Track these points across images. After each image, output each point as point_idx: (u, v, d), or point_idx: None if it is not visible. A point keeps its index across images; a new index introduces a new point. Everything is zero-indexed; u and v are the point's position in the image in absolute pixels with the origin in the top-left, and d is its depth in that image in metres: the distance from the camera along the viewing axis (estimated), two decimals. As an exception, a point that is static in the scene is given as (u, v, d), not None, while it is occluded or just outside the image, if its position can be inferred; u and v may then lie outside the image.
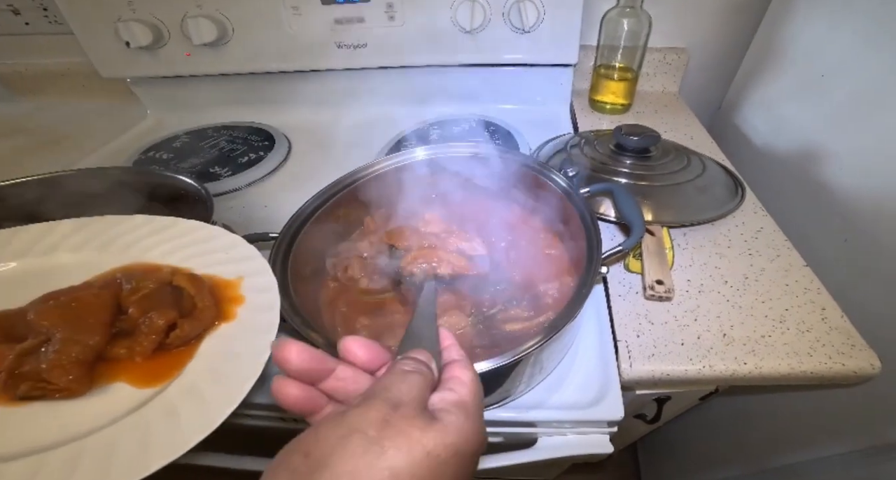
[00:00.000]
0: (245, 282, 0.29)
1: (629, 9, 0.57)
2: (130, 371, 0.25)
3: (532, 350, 0.25)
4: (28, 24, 0.73)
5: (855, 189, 0.42)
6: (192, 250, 0.31)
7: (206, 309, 0.26)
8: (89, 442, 0.21)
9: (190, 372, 0.24)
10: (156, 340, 0.25)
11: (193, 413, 0.22)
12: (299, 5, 0.60)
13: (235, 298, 0.28)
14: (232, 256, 0.31)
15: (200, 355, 0.25)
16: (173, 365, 0.25)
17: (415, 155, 0.42)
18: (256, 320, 0.26)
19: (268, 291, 0.28)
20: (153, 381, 0.24)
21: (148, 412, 0.22)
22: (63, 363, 0.23)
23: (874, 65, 0.41)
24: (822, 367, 0.32)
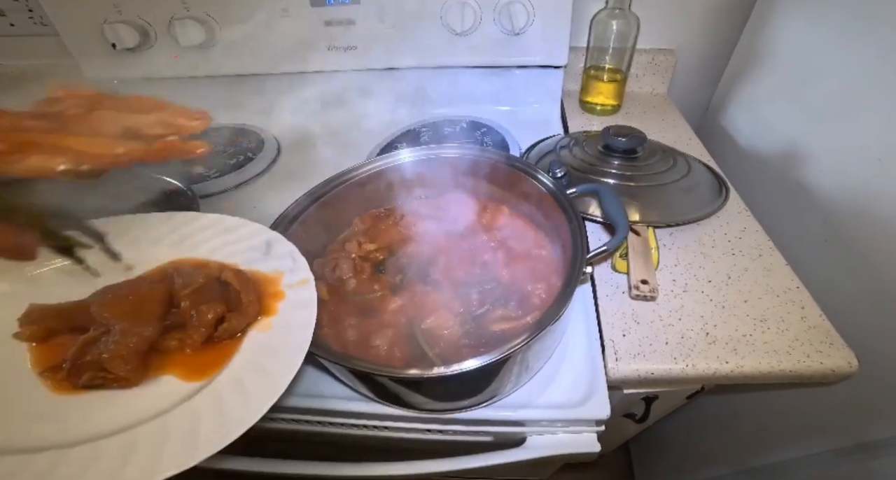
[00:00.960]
0: (284, 278, 0.29)
1: (618, 10, 0.58)
2: (181, 362, 0.26)
3: (517, 348, 0.26)
4: (13, 25, 0.72)
5: (834, 190, 0.43)
6: (235, 247, 0.32)
7: (250, 303, 0.27)
8: (142, 431, 0.22)
9: (235, 365, 0.25)
10: (205, 333, 0.26)
11: (238, 405, 0.23)
12: (288, 7, 0.60)
13: (276, 294, 0.28)
14: (272, 253, 0.31)
15: (245, 348, 0.26)
16: (220, 357, 0.26)
17: (402, 156, 0.42)
18: (295, 315, 0.27)
19: (306, 288, 0.29)
20: (202, 372, 0.25)
21: (197, 402, 0.23)
22: (122, 353, 0.25)
23: (851, 67, 0.42)
24: (800, 366, 0.33)
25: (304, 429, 0.39)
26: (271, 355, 0.25)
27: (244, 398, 0.23)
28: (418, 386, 0.30)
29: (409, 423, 0.36)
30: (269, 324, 0.27)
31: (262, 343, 0.26)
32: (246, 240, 0.32)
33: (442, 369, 0.25)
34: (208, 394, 0.24)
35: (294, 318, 0.27)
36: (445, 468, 0.37)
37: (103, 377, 0.24)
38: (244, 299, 0.27)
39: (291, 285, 0.29)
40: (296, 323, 0.27)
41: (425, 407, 0.33)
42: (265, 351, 0.26)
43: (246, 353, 0.26)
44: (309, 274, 0.29)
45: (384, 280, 0.37)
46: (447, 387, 0.31)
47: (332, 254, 0.39)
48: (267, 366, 0.25)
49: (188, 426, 0.22)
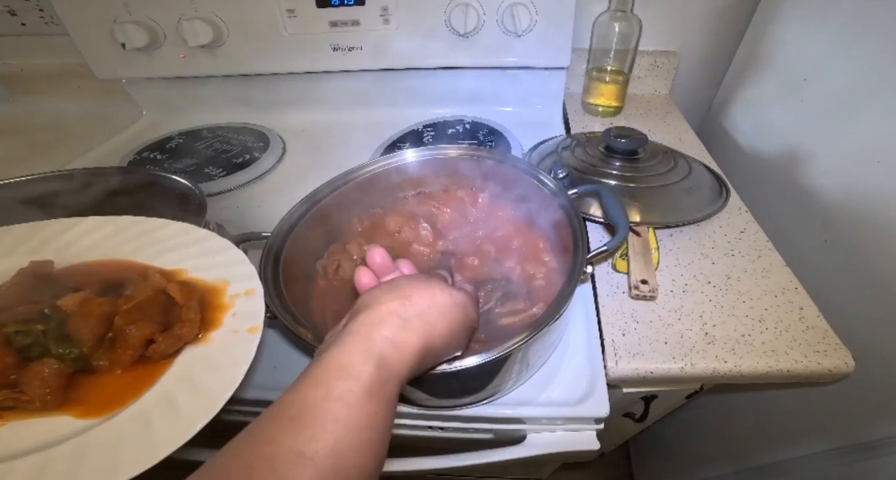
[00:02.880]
0: (231, 288, 0.28)
1: (620, 13, 0.58)
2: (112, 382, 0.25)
3: (517, 346, 0.26)
4: (24, 24, 0.73)
5: (834, 191, 0.43)
6: (181, 253, 0.31)
7: (189, 322, 0.26)
8: (56, 452, 0.21)
9: (166, 383, 0.24)
10: (133, 355, 0.25)
11: (166, 424, 0.22)
12: (295, 8, 0.61)
13: (222, 305, 0.27)
14: (220, 260, 0.30)
15: (180, 363, 0.25)
16: (153, 374, 0.24)
17: (405, 157, 0.42)
18: (240, 327, 0.26)
19: (253, 298, 0.28)
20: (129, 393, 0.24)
21: (120, 422, 0.22)
22: (43, 374, 0.23)
23: (850, 69, 0.42)
24: (798, 365, 0.33)
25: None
26: (209, 370, 0.24)
27: (174, 417, 0.22)
28: (419, 383, 0.30)
29: (411, 420, 0.37)
30: (210, 338, 0.26)
31: (200, 358, 0.25)
32: (193, 245, 0.31)
33: (443, 366, 0.26)
34: (133, 414, 0.22)
35: (238, 331, 0.26)
36: (446, 464, 0.38)
37: (16, 398, 0.23)
38: (184, 316, 0.26)
39: (238, 295, 0.28)
40: (239, 336, 0.26)
41: (427, 404, 0.34)
42: (202, 366, 0.25)
43: (180, 370, 0.25)
44: (257, 284, 0.28)
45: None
46: (448, 384, 0.31)
47: (335, 256, 0.39)
48: (203, 382, 0.23)
49: (107, 447, 0.21)
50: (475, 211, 0.44)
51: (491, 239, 0.42)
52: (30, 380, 0.23)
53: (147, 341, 0.25)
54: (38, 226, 0.33)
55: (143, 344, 0.25)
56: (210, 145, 0.66)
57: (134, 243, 0.32)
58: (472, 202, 0.44)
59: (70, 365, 0.24)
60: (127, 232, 0.33)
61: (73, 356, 0.24)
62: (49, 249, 0.31)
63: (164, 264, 0.30)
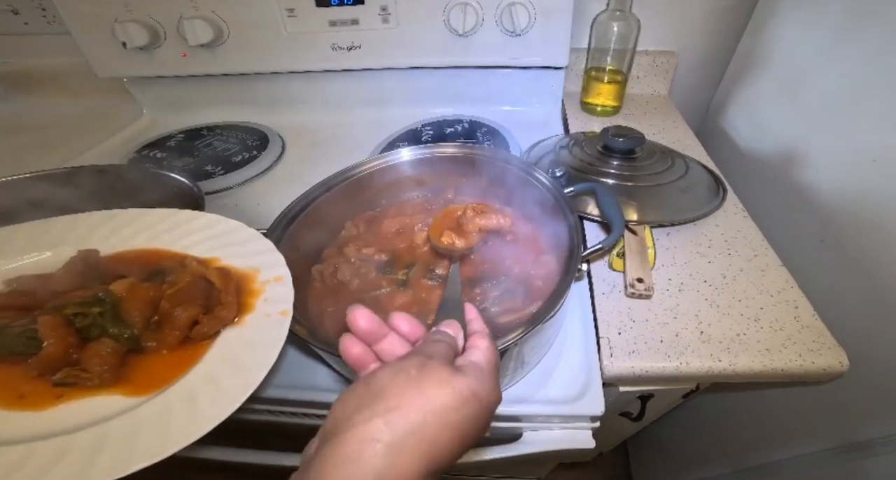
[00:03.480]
0: (262, 274, 0.30)
1: (618, 12, 0.58)
2: (157, 361, 0.26)
3: (512, 342, 0.26)
4: (27, 23, 0.74)
5: (831, 191, 0.44)
6: (214, 242, 0.33)
7: (228, 305, 0.28)
8: (114, 425, 0.22)
9: (209, 362, 0.26)
10: (180, 335, 0.27)
11: (210, 400, 0.23)
12: (294, 7, 0.61)
13: (254, 291, 0.29)
14: (250, 249, 0.32)
15: (220, 345, 0.27)
16: (196, 354, 0.26)
17: (402, 155, 0.42)
18: (272, 311, 0.28)
19: (282, 284, 0.29)
20: (174, 371, 0.26)
21: (169, 397, 0.24)
22: (102, 353, 0.25)
23: (846, 69, 0.42)
24: (792, 365, 0.33)
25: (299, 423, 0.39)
26: (247, 350, 0.26)
27: (217, 393, 0.23)
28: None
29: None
30: (245, 321, 0.28)
31: (237, 339, 0.27)
32: (225, 235, 0.33)
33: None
34: (180, 390, 0.24)
35: (270, 315, 0.27)
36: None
37: (76, 375, 0.24)
38: (223, 299, 0.28)
39: (268, 281, 0.29)
40: (272, 319, 0.27)
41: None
42: (241, 347, 0.26)
43: (221, 350, 0.26)
44: (285, 271, 0.30)
45: (390, 278, 0.38)
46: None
47: (330, 260, 0.39)
48: (242, 362, 0.25)
49: (159, 420, 0.22)
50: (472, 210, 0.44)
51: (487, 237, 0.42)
52: (90, 358, 0.25)
53: (192, 322, 0.27)
54: (79, 217, 0.35)
55: (189, 326, 0.27)
56: (210, 143, 0.66)
57: (169, 234, 0.34)
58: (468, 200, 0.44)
59: (124, 344, 0.26)
60: (163, 223, 0.34)
61: (126, 336, 0.26)
62: (92, 239, 0.33)
63: (198, 253, 0.32)
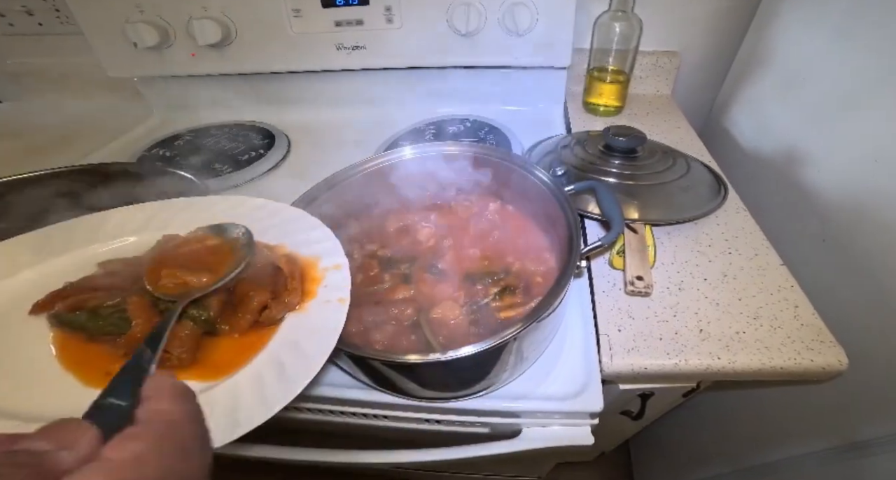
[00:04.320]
0: (322, 262, 0.31)
1: (621, 13, 0.58)
2: (228, 344, 0.27)
3: (511, 336, 0.27)
4: (41, 24, 0.75)
5: (833, 190, 0.43)
6: (280, 230, 0.33)
7: (294, 290, 0.28)
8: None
9: (275, 346, 0.26)
10: (251, 319, 0.28)
11: (276, 385, 0.24)
12: (301, 8, 0.62)
13: (315, 278, 0.30)
14: (312, 237, 0.33)
15: (285, 330, 0.28)
16: (262, 338, 0.27)
17: (404, 153, 0.43)
18: (331, 298, 0.29)
19: (340, 271, 0.30)
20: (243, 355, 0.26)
21: (238, 380, 0.24)
22: (181, 334, 0.26)
23: (848, 69, 0.42)
24: (791, 363, 0.33)
25: (303, 417, 0.40)
26: (309, 336, 0.27)
27: (282, 376, 0.24)
28: (415, 373, 0.31)
29: (408, 412, 0.37)
30: (307, 307, 0.28)
31: (300, 325, 0.28)
32: (290, 223, 0.34)
33: (436, 355, 0.26)
34: (249, 373, 0.25)
35: (329, 301, 0.28)
36: (443, 457, 0.38)
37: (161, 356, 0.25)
38: (289, 286, 0.29)
39: (328, 268, 0.30)
40: (331, 306, 0.28)
41: (423, 395, 0.34)
42: (304, 332, 0.27)
43: (285, 334, 0.27)
44: (343, 259, 0.31)
45: (392, 273, 0.38)
46: (443, 374, 0.32)
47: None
48: (305, 347, 0.26)
49: (230, 403, 0.23)
50: (474, 207, 0.45)
51: (488, 234, 0.42)
52: (170, 339, 0.25)
53: (262, 307, 0.28)
54: (164, 204, 0.36)
55: (260, 310, 0.28)
56: (217, 142, 0.67)
57: (242, 221, 0.34)
58: (469, 198, 0.45)
59: (202, 326, 0.27)
60: (235, 210, 0.36)
61: (204, 318, 0.27)
62: (173, 225, 0.34)
63: (268, 240, 0.33)
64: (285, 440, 0.41)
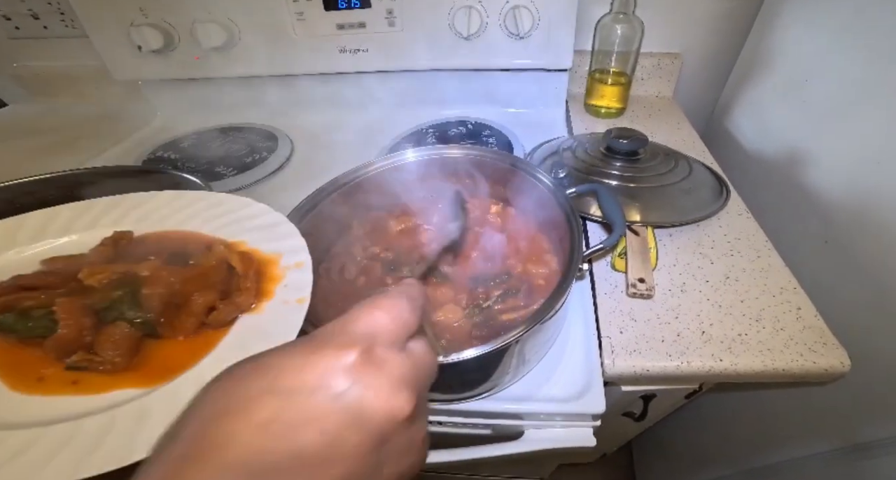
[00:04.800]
0: (283, 260, 0.29)
1: (622, 15, 0.59)
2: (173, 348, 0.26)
3: (513, 339, 0.27)
4: (46, 27, 0.76)
5: (835, 192, 0.43)
6: (241, 226, 0.32)
7: (246, 291, 0.27)
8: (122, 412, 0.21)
9: (223, 349, 0.25)
10: (196, 322, 0.26)
11: None
12: (303, 11, 0.63)
13: (274, 276, 0.28)
14: (274, 233, 0.31)
15: (235, 332, 0.26)
16: (211, 341, 0.26)
17: (406, 157, 0.43)
18: (290, 298, 0.27)
19: (302, 270, 0.28)
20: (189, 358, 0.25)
21: (179, 385, 0.23)
22: (115, 337, 0.24)
23: (851, 70, 0.42)
24: (794, 365, 0.33)
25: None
26: (261, 338, 0.25)
27: None
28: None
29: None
30: (263, 308, 0.27)
31: (253, 326, 0.26)
32: (250, 219, 0.33)
33: (438, 358, 0.26)
34: (192, 377, 0.23)
35: (288, 302, 0.27)
36: (446, 458, 0.38)
37: (89, 359, 0.24)
38: (242, 286, 0.27)
39: (289, 267, 0.29)
40: (289, 307, 0.27)
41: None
42: (256, 334, 0.25)
43: (236, 337, 0.26)
44: (307, 257, 0.29)
45: (395, 276, 0.39)
46: (446, 377, 0.32)
47: (338, 258, 0.40)
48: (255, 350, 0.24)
49: (168, 410, 0.21)
50: (476, 210, 0.45)
51: (491, 237, 0.42)
52: (103, 342, 0.24)
53: (209, 309, 0.26)
54: (119, 199, 0.34)
55: (206, 312, 0.26)
56: (221, 145, 0.67)
57: (201, 216, 0.33)
58: (472, 201, 0.45)
59: (139, 329, 0.25)
60: (195, 205, 0.34)
61: (142, 320, 0.25)
62: (128, 220, 0.33)
63: (226, 236, 0.31)
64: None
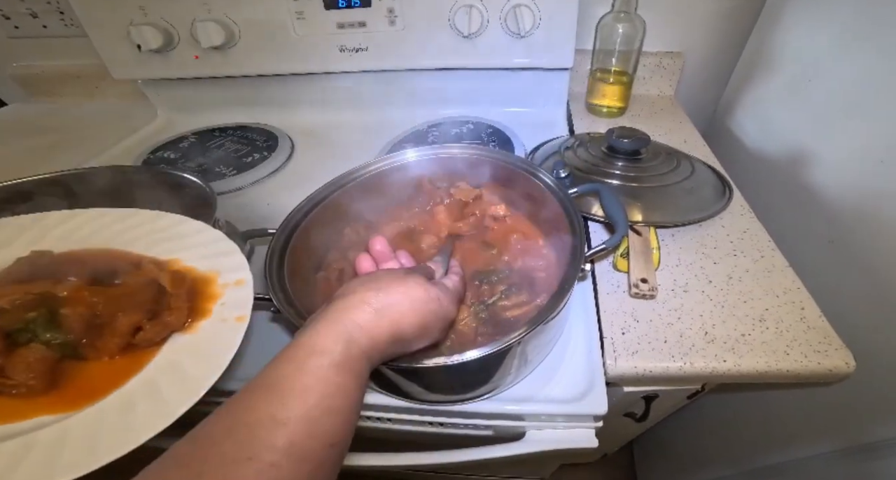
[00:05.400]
0: (221, 278, 0.29)
1: (623, 14, 0.58)
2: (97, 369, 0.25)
3: (514, 341, 0.27)
4: (46, 27, 0.76)
5: (839, 191, 0.43)
6: (175, 243, 0.31)
7: (177, 310, 0.26)
8: (40, 436, 0.21)
9: (151, 370, 0.24)
10: (120, 342, 0.25)
11: (148, 411, 0.22)
12: (303, 10, 0.62)
13: (212, 295, 0.28)
14: (212, 251, 0.31)
15: (166, 352, 0.25)
16: (139, 361, 0.25)
17: (407, 156, 0.43)
18: (228, 317, 0.27)
19: (242, 288, 0.28)
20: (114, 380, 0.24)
21: (104, 406, 0.22)
22: (29, 360, 0.23)
23: (855, 69, 0.42)
24: (798, 365, 0.33)
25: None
26: (195, 357, 0.24)
27: (157, 402, 0.22)
28: (419, 377, 0.31)
29: (412, 415, 0.37)
30: (198, 327, 0.26)
31: (186, 346, 0.26)
32: (188, 237, 0.32)
33: (440, 359, 0.26)
34: (118, 399, 0.22)
35: (226, 320, 0.26)
36: (448, 459, 0.38)
37: (1, 383, 0.23)
38: (173, 304, 0.26)
39: (228, 284, 0.28)
40: (227, 324, 0.26)
41: (427, 399, 0.34)
42: (188, 353, 0.25)
43: (167, 357, 0.25)
44: (247, 274, 0.29)
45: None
46: (448, 378, 0.32)
47: (334, 265, 0.39)
48: (188, 369, 0.24)
49: (89, 431, 0.21)
50: (477, 210, 0.45)
51: (493, 237, 0.42)
52: (15, 365, 0.23)
53: (135, 329, 0.26)
54: (41, 216, 0.33)
55: (131, 332, 0.25)
56: (221, 144, 0.67)
57: (130, 233, 0.32)
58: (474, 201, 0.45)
59: (57, 350, 0.24)
60: (124, 222, 0.33)
61: (59, 342, 0.24)
62: (49, 238, 0.32)
63: (158, 254, 0.30)
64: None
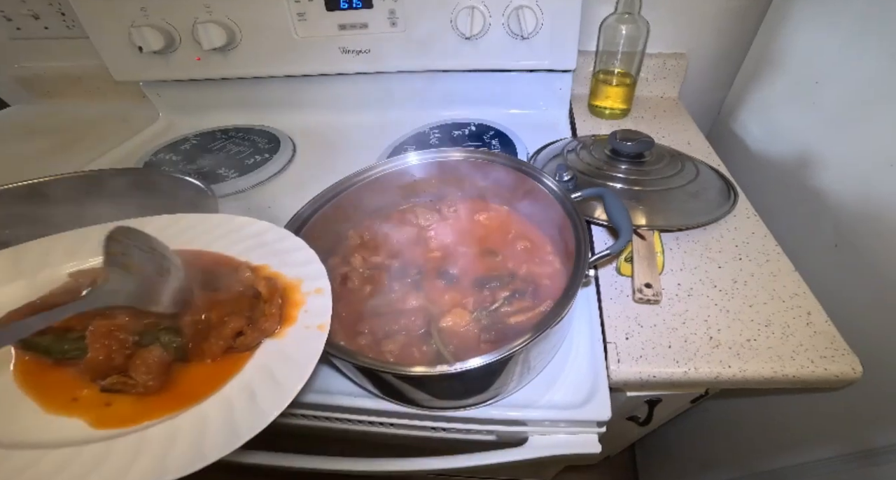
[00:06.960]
0: (304, 285, 0.30)
1: (627, 15, 0.58)
2: (200, 370, 0.26)
3: (518, 349, 0.26)
4: (47, 28, 0.76)
5: (846, 195, 0.43)
6: (265, 250, 0.33)
7: (271, 316, 0.28)
8: (151, 433, 0.22)
9: (248, 373, 0.26)
10: (224, 346, 0.27)
11: (246, 412, 0.23)
12: (305, 11, 0.62)
13: (296, 301, 0.29)
14: (296, 259, 0.32)
15: (259, 356, 0.27)
16: (235, 365, 0.26)
17: (409, 160, 0.43)
18: (311, 324, 0.28)
19: (321, 296, 0.29)
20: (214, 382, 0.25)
21: (207, 408, 0.24)
22: (148, 361, 0.25)
23: (862, 71, 0.42)
24: (804, 371, 0.33)
25: (311, 425, 0.40)
26: (284, 363, 0.26)
27: (253, 405, 0.23)
28: (422, 384, 0.31)
29: (415, 420, 0.37)
30: (285, 333, 0.28)
31: (276, 351, 0.27)
32: (274, 243, 0.33)
33: (442, 367, 0.26)
34: (219, 401, 0.24)
35: (309, 327, 0.28)
36: (450, 465, 0.38)
37: (124, 382, 0.25)
38: (268, 311, 0.28)
39: (310, 292, 0.29)
40: (310, 332, 0.27)
41: (430, 405, 0.34)
42: (279, 358, 0.26)
43: (260, 361, 0.26)
44: (326, 283, 0.30)
45: (402, 281, 0.38)
46: (451, 385, 0.31)
47: (337, 270, 0.39)
48: (278, 374, 0.25)
49: (196, 431, 0.22)
50: (480, 213, 0.45)
51: (496, 241, 0.42)
52: (137, 366, 0.25)
53: (237, 333, 0.27)
54: (145, 221, 0.35)
55: (234, 336, 0.27)
56: (223, 147, 0.67)
57: (225, 239, 0.34)
58: (476, 205, 0.45)
59: (172, 353, 0.26)
60: (220, 228, 0.35)
61: (175, 345, 0.26)
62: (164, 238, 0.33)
63: (250, 260, 0.32)
64: (288, 446, 0.41)
